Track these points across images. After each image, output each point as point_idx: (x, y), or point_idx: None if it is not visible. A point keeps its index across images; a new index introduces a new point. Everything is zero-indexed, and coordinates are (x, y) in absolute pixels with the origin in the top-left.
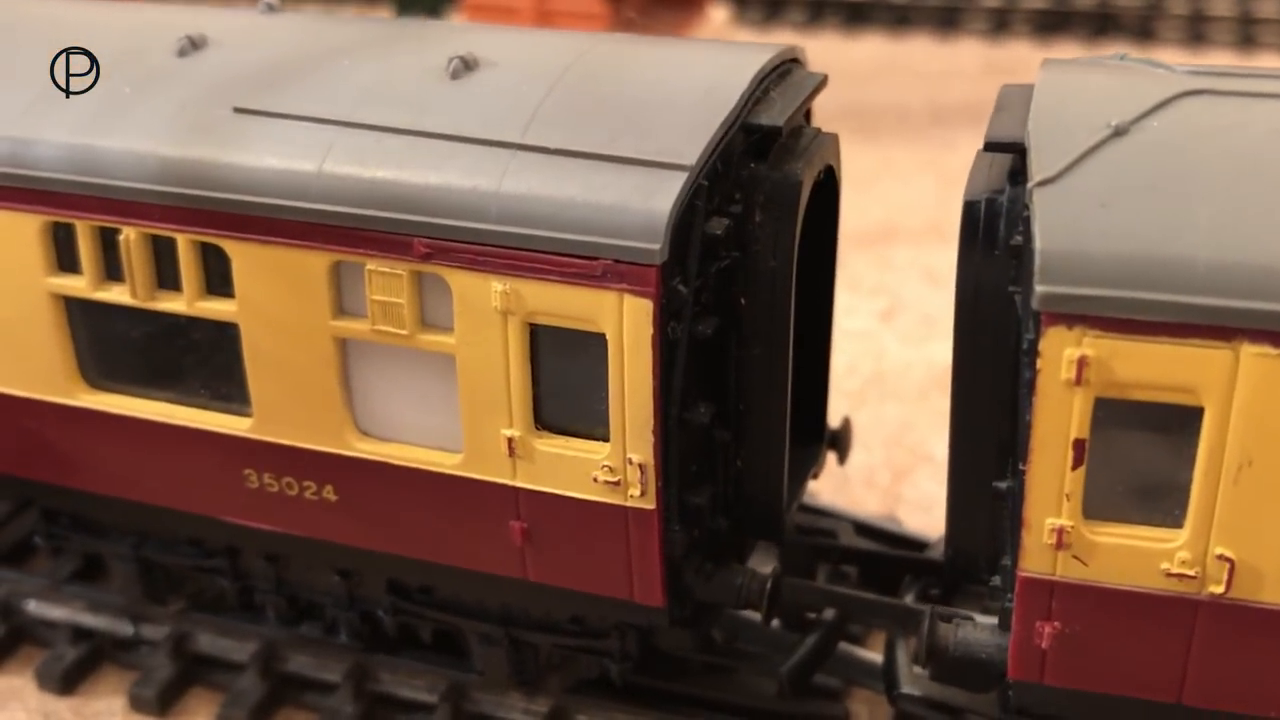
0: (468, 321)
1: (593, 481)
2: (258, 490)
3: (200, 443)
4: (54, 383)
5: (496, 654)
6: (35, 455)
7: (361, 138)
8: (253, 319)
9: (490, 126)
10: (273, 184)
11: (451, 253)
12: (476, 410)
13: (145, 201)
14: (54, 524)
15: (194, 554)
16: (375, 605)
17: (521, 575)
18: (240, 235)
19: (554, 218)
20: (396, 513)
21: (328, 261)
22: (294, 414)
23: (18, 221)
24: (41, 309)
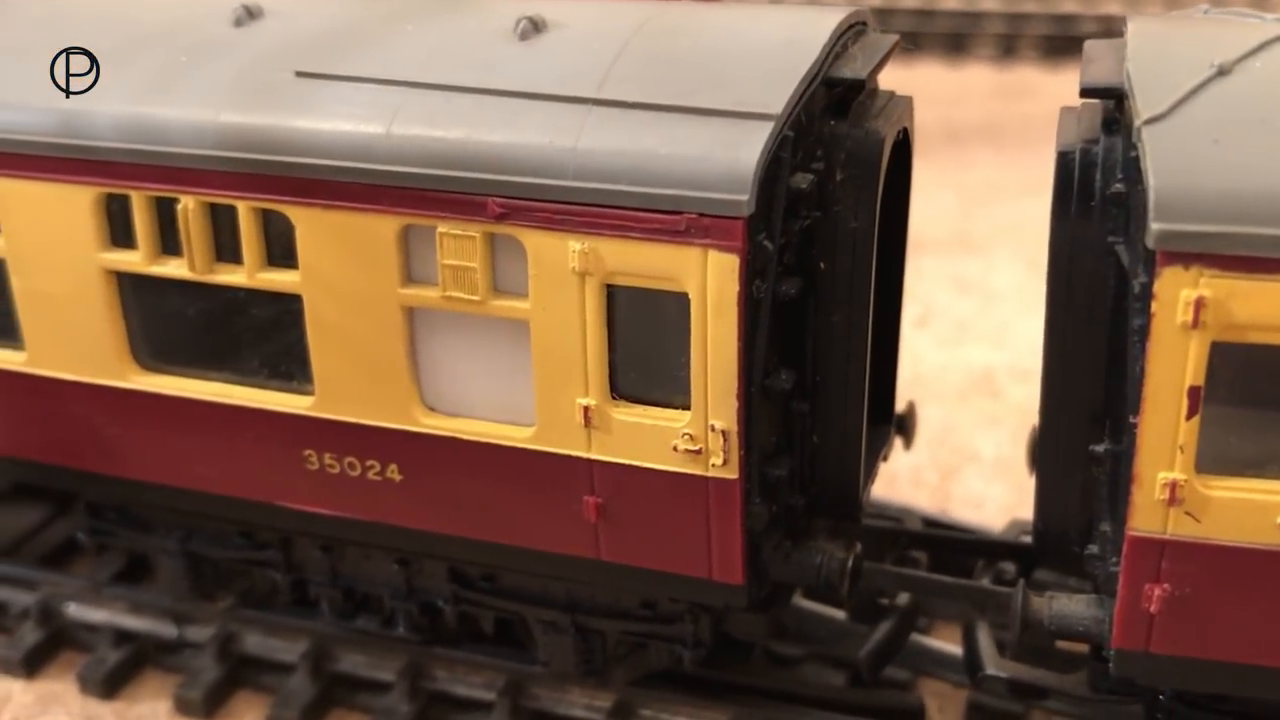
0: (543, 284)
1: (672, 451)
2: (317, 472)
3: (258, 423)
4: (105, 364)
5: (562, 643)
6: (83, 443)
7: (430, 98)
8: (317, 289)
9: (564, 83)
10: (339, 146)
11: (527, 212)
12: (550, 379)
13: (205, 169)
14: (99, 519)
15: (245, 546)
16: (435, 595)
17: (594, 555)
18: (304, 201)
19: (634, 172)
20: (463, 492)
21: (397, 225)
22: (358, 389)
23: (70, 195)
24: (93, 286)
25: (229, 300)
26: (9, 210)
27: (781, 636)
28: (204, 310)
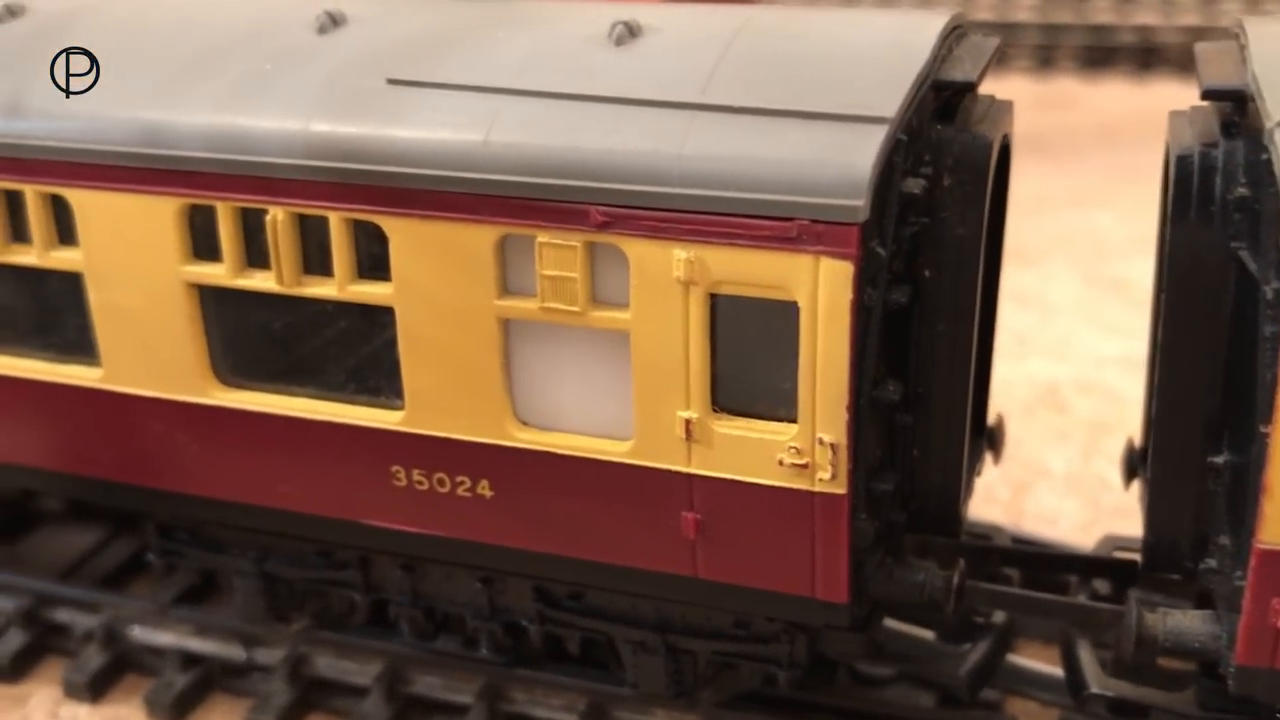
0: (645, 294)
1: (778, 465)
2: (405, 489)
3: (344, 439)
4: (185, 380)
5: (652, 664)
6: (157, 461)
7: (528, 105)
8: (410, 301)
9: (666, 88)
10: (435, 155)
11: (631, 220)
12: (650, 392)
13: (295, 178)
14: (169, 540)
15: (322, 566)
16: (520, 615)
17: (690, 572)
18: (399, 211)
19: (743, 178)
20: (555, 508)
21: (494, 236)
22: (450, 404)
23: (152, 206)
24: (174, 300)
25: (314, 314)
26: (88, 222)
27: (878, 656)
28: (288, 324)
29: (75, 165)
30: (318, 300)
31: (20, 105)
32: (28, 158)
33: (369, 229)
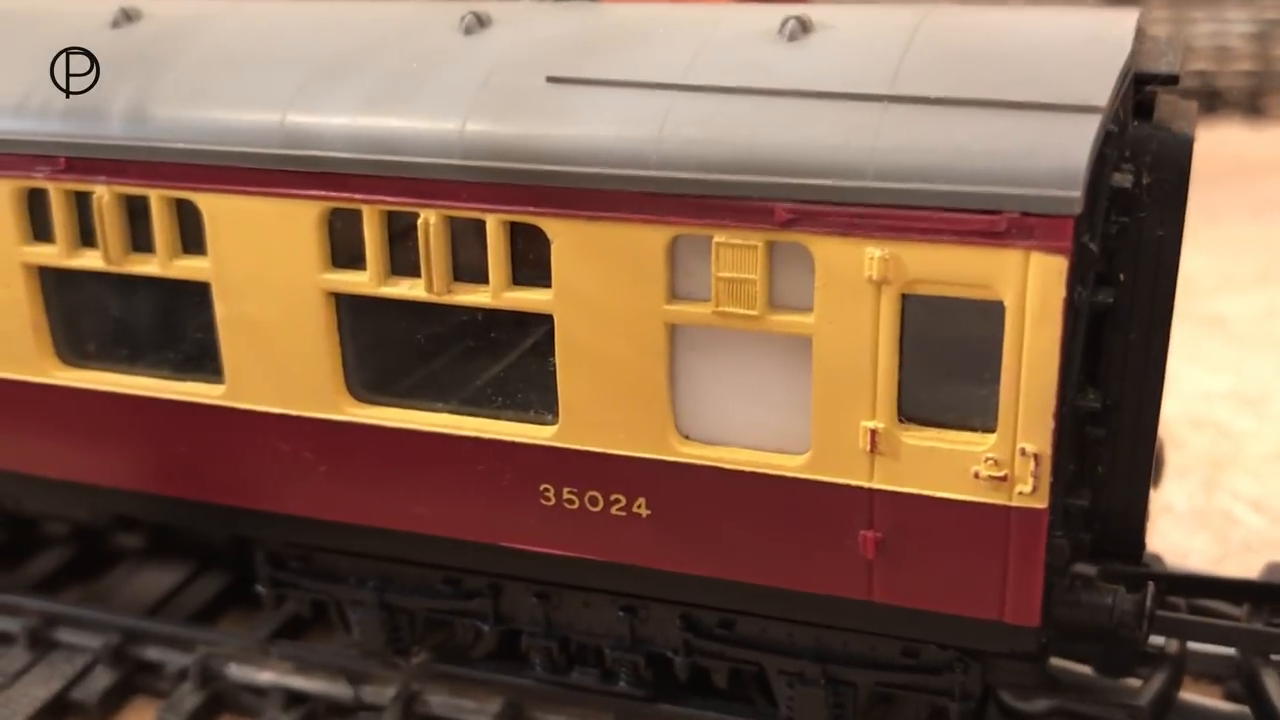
0: (832, 296)
1: (972, 478)
2: (553, 509)
3: (489, 456)
4: (317, 396)
5: (810, 696)
6: (280, 483)
7: (701, 101)
8: (570, 308)
9: (852, 81)
10: (603, 153)
11: (819, 217)
12: (832, 401)
13: (450, 180)
14: (281, 569)
15: (450, 595)
16: (664, 645)
17: (864, 596)
18: (563, 212)
19: (946, 169)
20: (717, 528)
21: (666, 236)
22: (609, 416)
23: (291, 210)
24: (311, 311)
25: (459, 323)
26: (219, 229)
27: (1053, 690)
28: (430, 334)
29: (207, 168)
30: (463, 309)
31: (145, 108)
32: (154, 160)
33: (527, 232)
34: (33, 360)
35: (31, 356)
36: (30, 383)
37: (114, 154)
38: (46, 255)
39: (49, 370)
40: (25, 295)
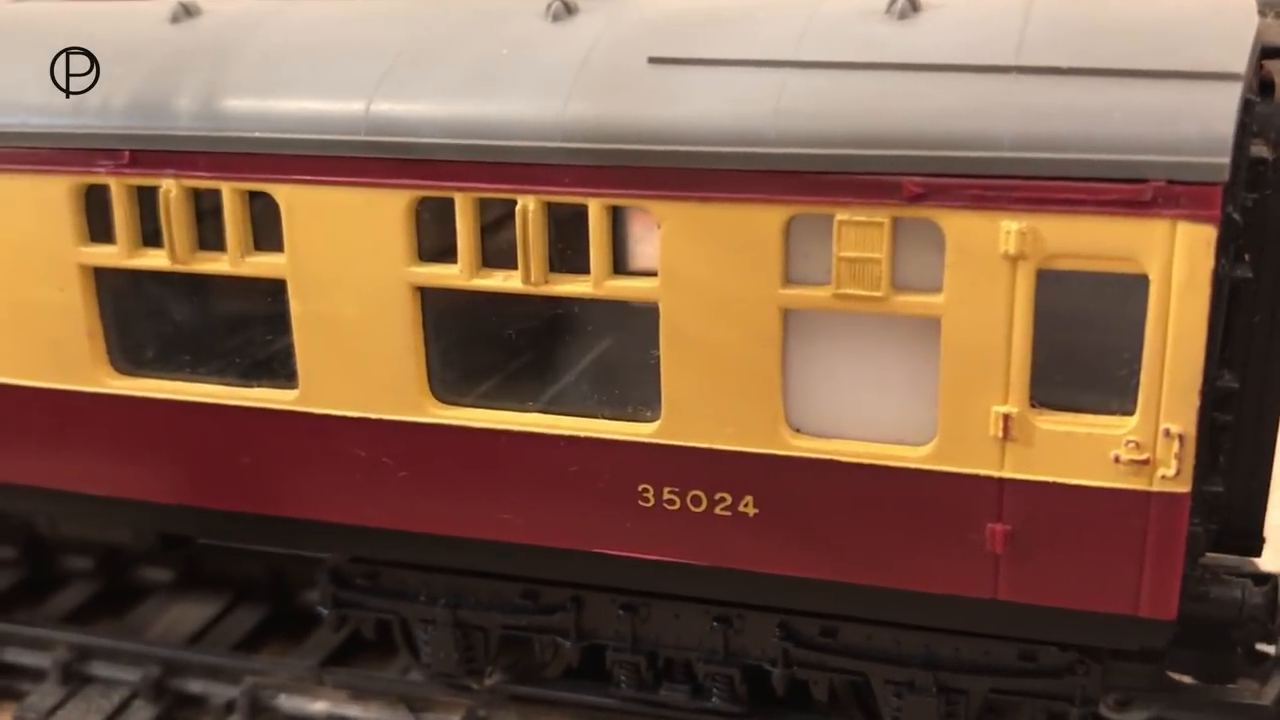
0: (963, 273)
1: (1112, 463)
2: (652, 510)
3: (585, 457)
4: (399, 398)
5: (920, 706)
6: (354, 492)
7: (815, 77)
8: (678, 295)
9: (975, 54)
10: (717, 132)
11: (951, 190)
12: (961, 386)
13: (550, 164)
14: (345, 587)
15: (529, 610)
16: (762, 657)
17: (988, 594)
18: (673, 194)
19: (1086, 139)
20: (831, 525)
21: (783, 216)
22: (715, 410)
23: (378, 201)
24: (396, 307)
25: (557, 315)
26: (297, 223)
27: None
28: (527, 329)
29: (285, 158)
30: (559, 300)
31: (216, 98)
32: (227, 151)
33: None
34: (85, 369)
35: (84, 365)
36: (81, 393)
37: (183, 145)
38: (105, 255)
39: (102, 379)
40: (81, 299)
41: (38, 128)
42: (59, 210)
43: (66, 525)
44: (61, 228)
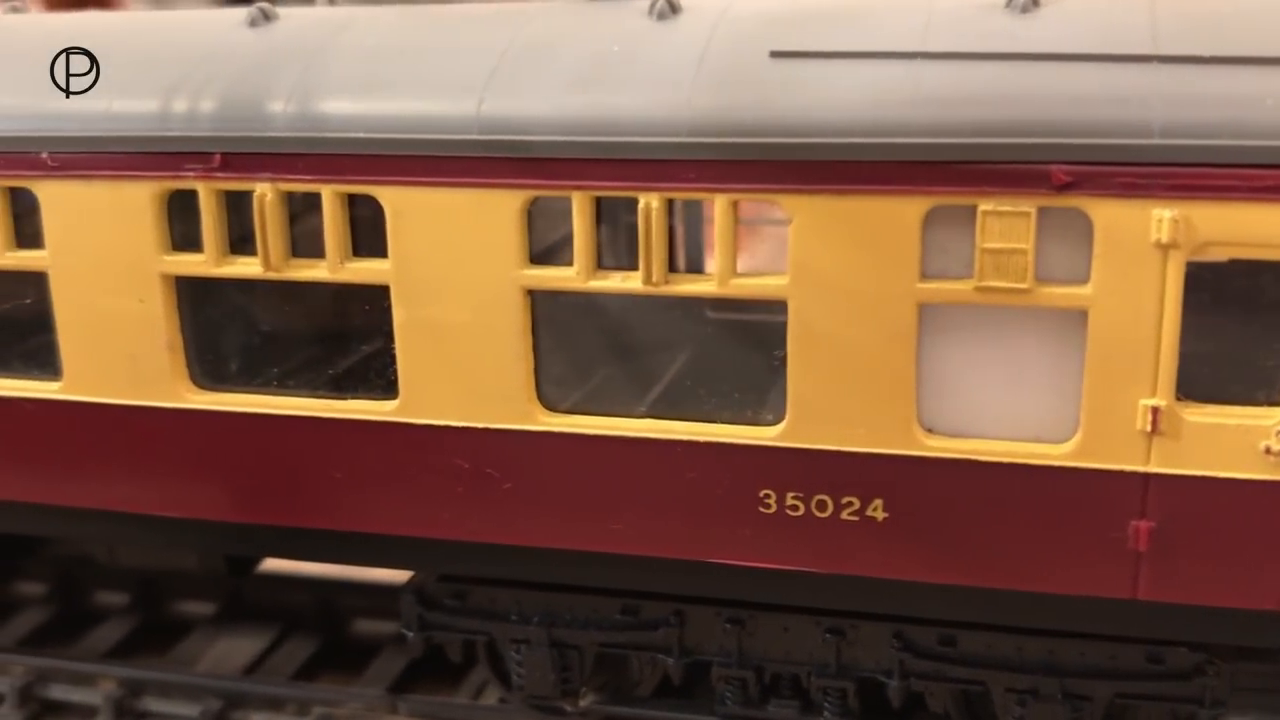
0: (1112, 263)
1: (1262, 455)
2: (772, 517)
3: (704, 462)
4: (507, 406)
5: (1046, 713)
6: (452, 506)
7: (952, 68)
8: (808, 291)
9: (1110, 43)
10: (853, 123)
11: (1101, 178)
12: (1107, 380)
13: (674, 159)
14: (432, 607)
15: (629, 626)
16: (876, 669)
17: (1126, 594)
18: (805, 187)
19: (1239, 125)
20: (963, 528)
21: (922, 208)
22: (845, 410)
23: (489, 202)
24: (507, 312)
25: (666, 318)
26: (402, 226)
27: None
28: (633, 332)
29: (391, 159)
30: (671, 301)
31: (313, 100)
32: (329, 153)
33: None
34: (164, 384)
35: (163, 379)
36: (158, 409)
37: (280, 148)
38: (192, 264)
39: (182, 394)
40: (162, 310)
41: (120, 132)
42: (141, 217)
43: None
44: (144, 235)
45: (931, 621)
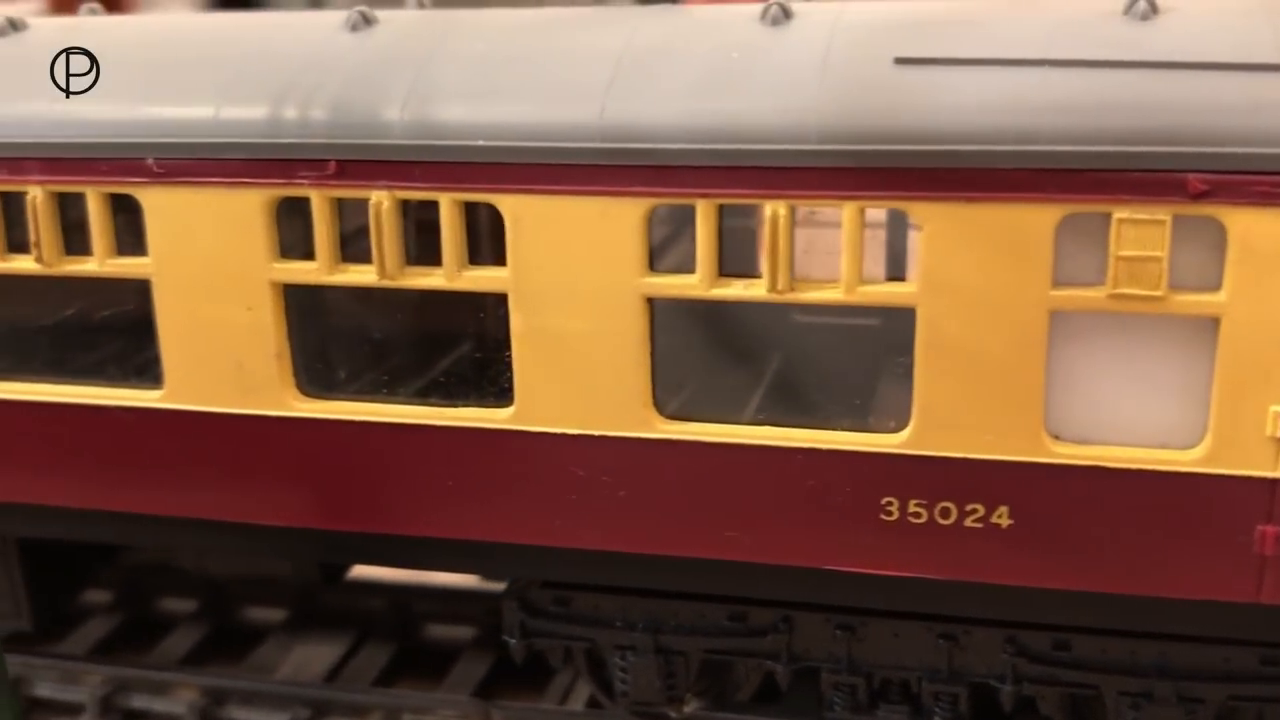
0: (1247, 271)
1: None
2: (894, 524)
3: (827, 470)
4: (626, 414)
5: (1158, 716)
6: (573, 513)
7: (1079, 75)
8: (938, 298)
9: (1236, 52)
10: (987, 131)
11: (1238, 187)
12: (1237, 386)
13: (803, 167)
14: (535, 615)
15: (738, 633)
16: (989, 674)
17: (1249, 598)
18: (937, 195)
19: None
20: (1087, 534)
21: (1056, 216)
22: (973, 418)
23: (612, 210)
24: (627, 319)
25: (789, 327)
26: (523, 234)
27: None
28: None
29: (512, 167)
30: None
31: (430, 106)
32: (448, 161)
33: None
34: (271, 392)
35: (270, 388)
36: (264, 417)
37: (397, 155)
38: (303, 272)
39: (288, 402)
40: (271, 318)
41: (230, 138)
42: (251, 225)
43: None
44: (253, 243)
45: (1043, 626)
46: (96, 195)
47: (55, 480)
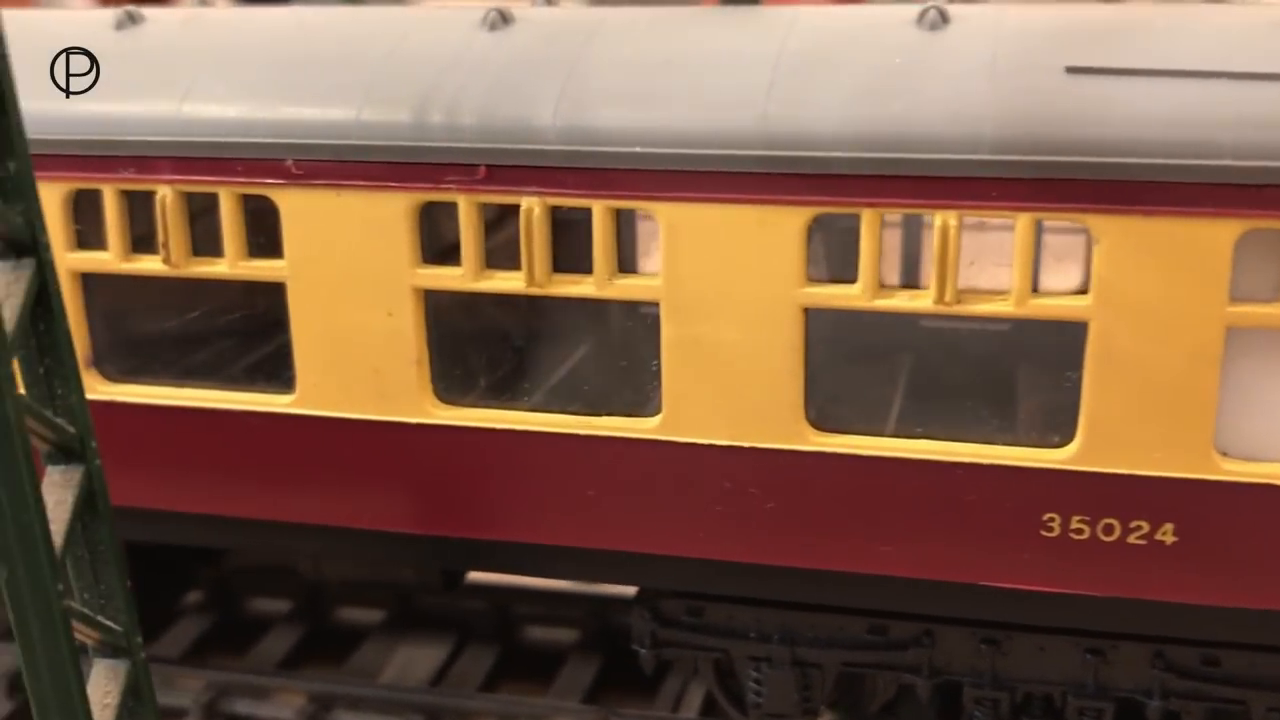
0: None
1: None
2: (1055, 541)
3: (988, 485)
4: (777, 425)
5: None
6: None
7: (1257, 88)
8: (1113, 312)
9: None
10: (1167, 144)
11: None
12: None
13: (975, 177)
14: (667, 624)
15: (877, 646)
16: (1135, 689)
17: None
18: (1115, 208)
19: None
20: (1252, 551)
21: (1236, 231)
22: (1143, 433)
23: (772, 219)
24: (782, 330)
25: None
26: (679, 242)
27: None
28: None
29: (669, 174)
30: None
31: (582, 112)
32: (602, 168)
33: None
34: (409, 399)
35: (408, 394)
36: (402, 424)
37: (549, 161)
38: (449, 278)
39: (427, 409)
40: (411, 324)
41: (373, 140)
42: (394, 229)
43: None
44: (396, 248)
45: (1191, 641)
46: (230, 196)
47: (175, 485)
